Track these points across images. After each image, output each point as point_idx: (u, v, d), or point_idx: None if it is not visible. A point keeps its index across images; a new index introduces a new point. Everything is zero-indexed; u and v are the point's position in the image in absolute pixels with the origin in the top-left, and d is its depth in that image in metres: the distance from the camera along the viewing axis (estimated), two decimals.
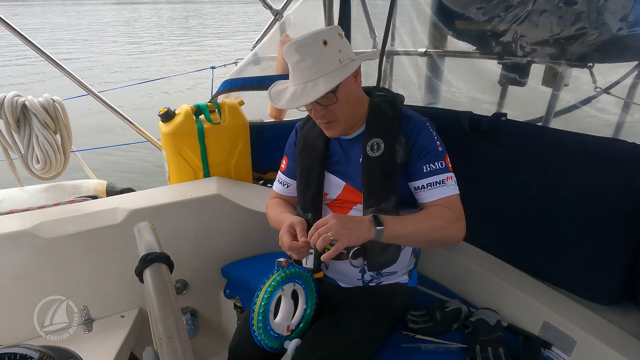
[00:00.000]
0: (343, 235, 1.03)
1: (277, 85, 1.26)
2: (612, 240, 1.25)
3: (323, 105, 1.17)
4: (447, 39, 2.14)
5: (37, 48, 1.88)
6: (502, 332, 1.29)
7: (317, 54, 1.11)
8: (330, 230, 1.03)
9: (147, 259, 0.77)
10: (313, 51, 1.11)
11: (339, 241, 1.03)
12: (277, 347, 1.20)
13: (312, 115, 1.23)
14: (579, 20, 1.48)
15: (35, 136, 1.85)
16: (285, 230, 1.17)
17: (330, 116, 1.19)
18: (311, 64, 1.12)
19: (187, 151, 1.96)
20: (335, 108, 1.18)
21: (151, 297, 0.68)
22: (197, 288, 1.90)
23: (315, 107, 1.18)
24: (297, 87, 1.15)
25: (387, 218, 1.11)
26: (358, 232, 1.06)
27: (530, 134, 1.44)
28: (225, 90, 2.14)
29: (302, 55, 1.12)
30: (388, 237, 1.10)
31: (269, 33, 2.32)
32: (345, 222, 1.05)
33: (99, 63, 11.84)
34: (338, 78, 1.11)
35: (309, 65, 1.12)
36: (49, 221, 1.54)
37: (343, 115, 1.20)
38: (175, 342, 0.59)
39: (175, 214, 1.73)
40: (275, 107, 1.22)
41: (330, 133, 1.26)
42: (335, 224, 1.04)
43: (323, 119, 1.20)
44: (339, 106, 1.17)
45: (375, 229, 1.08)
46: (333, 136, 1.28)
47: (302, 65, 1.13)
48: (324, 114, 1.19)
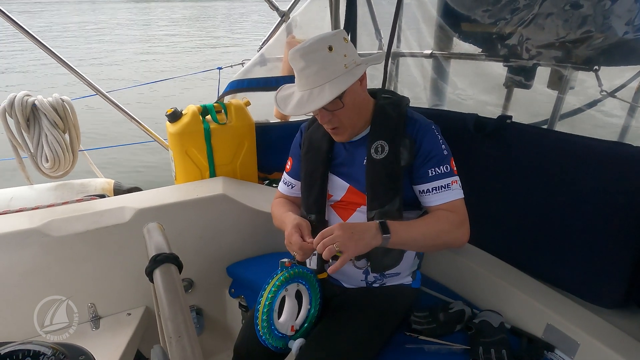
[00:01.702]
0: (349, 247, 1.04)
1: (283, 90, 1.27)
2: (617, 244, 1.25)
3: (329, 110, 1.18)
4: (453, 41, 2.15)
5: (46, 48, 1.91)
6: (505, 334, 1.29)
7: (323, 60, 1.12)
8: (336, 241, 1.04)
9: (157, 259, 0.78)
10: (318, 57, 1.12)
11: (345, 253, 1.04)
12: (281, 346, 1.21)
13: (319, 121, 1.24)
14: (584, 24, 1.48)
15: (45, 135, 1.88)
16: (294, 230, 1.19)
17: (337, 122, 1.21)
18: (316, 70, 1.12)
19: (194, 151, 1.97)
20: (342, 113, 1.19)
21: (161, 297, 0.70)
22: (203, 287, 1.92)
23: (321, 113, 1.19)
24: (304, 93, 1.16)
25: (393, 224, 1.13)
26: (364, 242, 1.07)
27: (535, 137, 1.44)
28: (231, 90, 2.16)
29: (307, 61, 1.13)
30: (394, 243, 1.12)
31: (275, 34, 2.34)
32: (352, 232, 1.07)
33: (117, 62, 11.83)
34: (344, 84, 1.11)
35: (314, 72, 1.13)
36: (57, 219, 1.56)
37: (349, 120, 1.21)
38: (184, 341, 0.60)
39: (181, 213, 1.74)
40: (282, 113, 1.23)
41: (338, 138, 1.28)
42: (341, 235, 1.05)
43: (330, 124, 1.22)
44: (345, 111, 1.18)
45: (381, 236, 1.09)
46: (341, 141, 1.29)
47: (308, 72, 1.13)
48: (330, 119, 1.20)
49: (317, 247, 1.07)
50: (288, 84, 1.28)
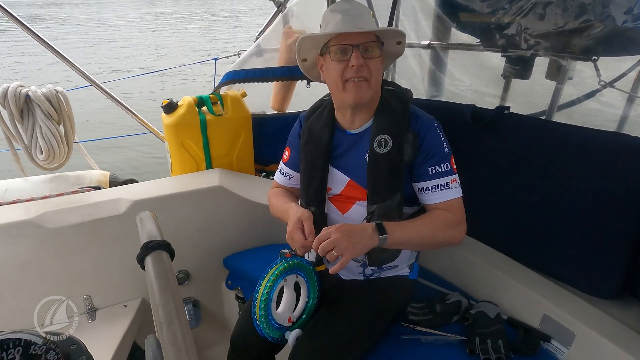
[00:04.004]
0: (347, 250, 1.06)
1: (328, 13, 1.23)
2: (614, 234, 1.25)
3: (367, 54, 1.15)
4: (451, 32, 2.13)
5: (39, 37, 1.88)
6: (501, 325, 1.30)
7: (367, 15, 1.20)
8: (335, 244, 1.05)
9: (148, 246, 0.78)
10: (364, 10, 1.20)
11: (344, 256, 1.05)
12: (278, 337, 1.21)
13: (353, 60, 1.13)
14: (584, 13, 1.47)
15: (39, 127, 1.86)
16: (296, 227, 1.19)
17: (366, 72, 1.15)
18: (360, 14, 1.18)
19: (190, 143, 1.96)
20: (373, 65, 1.16)
21: (152, 284, 0.70)
22: (199, 279, 1.91)
23: (357, 54, 1.13)
24: (346, 18, 1.17)
25: (390, 225, 1.13)
26: (362, 244, 1.08)
27: (533, 128, 1.43)
28: (227, 81, 2.14)
29: (354, 5, 1.20)
30: (391, 243, 1.13)
31: (272, 24, 2.31)
32: (349, 235, 1.07)
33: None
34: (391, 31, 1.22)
35: (358, 14, 1.18)
36: (52, 211, 1.55)
37: (375, 79, 1.18)
38: (175, 326, 0.60)
39: (177, 205, 1.73)
40: (329, 26, 1.18)
41: (358, 94, 1.17)
42: (339, 238, 1.06)
43: (359, 72, 1.14)
44: (376, 66, 1.18)
45: (378, 237, 1.10)
46: (358, 100, 1.18)
47: (354, 12, 1.17)
48: (361, 65, 1.13)
49: (317, 250, 1.09)
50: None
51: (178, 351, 0.58)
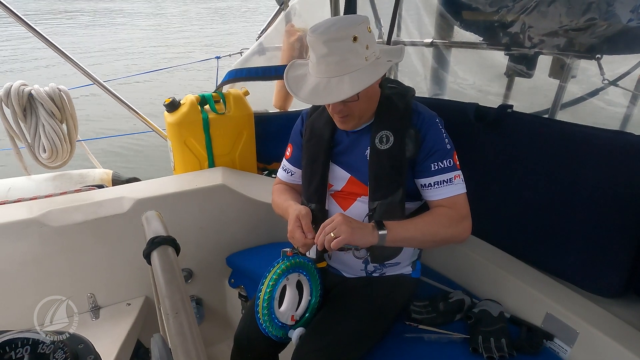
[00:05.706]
0: (344, 231, 1.07)
1: (294, 68, 1.21)
2: (617, 233, 1.25)
3: (345, 102, 1.14)
4: (454, 30, 2.12)
5: (42, 36, 1.88)
6: (504, 323, 1.30)
7: (346, 50, 1.06)
8: (335, 227, 1.08)
9: (154, 241, 0.78)
10: (342, 47, 1.06)
11: (340, 236, 1.07)
12: (281, 335, 1.22)
13: (330, 109, 1.20)
14: (588, 11, 1.46)
15: (42, 125, 1.87)
16: (296, 225, 1.19)
17: (347, 111, 1.17)
18: (338, 60, 1.07)
19: (192, 141, 1.96)
20: (354, 105, 1.16)
21: (158, 276, 0.70)
22: (203, 277, 1.92)
23: (334, 103, 1.15)
24: (320, 80, 1.11)
25: (390, 223, 1.14)
26: (361, 233, 1.10)
27: (536, 126, 1.43)
28: (230, 80, 2.13)
29: (330, 49, 1.06)
30: (391, 241, 1.13)
31: (274, 23, 2.31)
32: (350, 221, 1.10)
33: None
34: (365, 81, 1.07)
35: (335, 61, 1.07)
36: (56, 210, 1.55)
37: (360, 111, 1.19)
38: (181, 317, 0.61)
39: (180, 204, 1.74)
40: (294, 97, 1.17)
41: (343, 127, 1.24)
42: (340, 221, 1.09)
43: (340, 114, 1.18)
44: (359, 104, 1.16)
45: (377, 233, 1.11)
46: (345, 129, 1.26)
47: (330, 60, 1.08)
48: (341, 109, 1.17)
49: (319, 238, 1.10)
50: (299, 61, 1.23)
51: (184, 341, 0.58)
